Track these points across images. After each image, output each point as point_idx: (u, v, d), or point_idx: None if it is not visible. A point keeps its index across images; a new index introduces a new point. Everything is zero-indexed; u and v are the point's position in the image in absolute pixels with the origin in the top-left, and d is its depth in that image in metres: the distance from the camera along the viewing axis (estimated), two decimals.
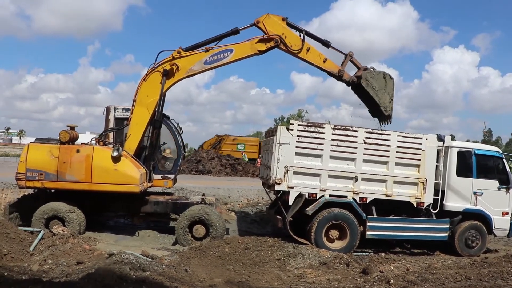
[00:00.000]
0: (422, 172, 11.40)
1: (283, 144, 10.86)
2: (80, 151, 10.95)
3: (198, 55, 11.25)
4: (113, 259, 7.85)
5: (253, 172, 28.66)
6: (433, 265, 9.75)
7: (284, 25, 11.18)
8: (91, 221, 11.89)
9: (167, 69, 11.16)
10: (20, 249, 9.03)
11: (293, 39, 11.20)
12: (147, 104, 11.31)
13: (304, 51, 11.25)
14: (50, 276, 7.29)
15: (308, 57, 11.37)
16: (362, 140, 11.12)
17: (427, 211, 11.68)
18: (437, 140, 11.64)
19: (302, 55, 11.31)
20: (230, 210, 16.05)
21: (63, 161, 10.86)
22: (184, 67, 11.27)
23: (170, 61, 11.16)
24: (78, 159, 10.90)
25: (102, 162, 10.91)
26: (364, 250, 11.42)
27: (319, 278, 8.66)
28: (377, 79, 11.39)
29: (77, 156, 10.92)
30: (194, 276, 7.90)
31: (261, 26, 11.11)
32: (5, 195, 14.96)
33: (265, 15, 11.03)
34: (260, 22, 11.09)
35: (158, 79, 11.28)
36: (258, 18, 11.06)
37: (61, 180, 10.87)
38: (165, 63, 11.20)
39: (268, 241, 10.34)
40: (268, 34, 11.05)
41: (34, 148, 11.05)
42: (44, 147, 11.05)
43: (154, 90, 11.31)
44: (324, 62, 11.38)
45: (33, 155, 10.90)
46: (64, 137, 11.13)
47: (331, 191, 11.05)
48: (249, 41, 11.17)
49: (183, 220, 11.19)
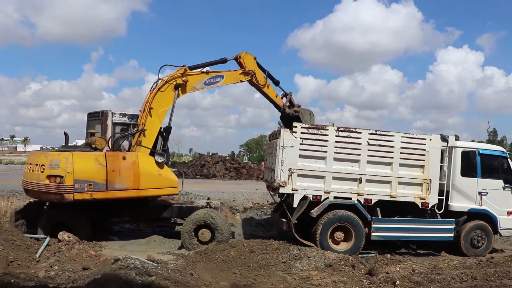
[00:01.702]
0: (426, 173, 11.40)
1: (287, 146, 10.88)
2: (126, 158, 10.86)
3: (201, 75, 12.04)
4: (118, 264, 7.88)
5: (258, 175, 28.68)
6: (439, 266, 9.73)
7: (255, 63, 12.61)
8: (97, 227, 11.93)
9: (179, 83, 11.65)
10: (26, 256, 9.06)
11: (260, 76, 12.64)
12: (158, 114, 11.56)
13: (266, 87, 12.78)
14: (56, 283, 7.31)
15: (268, 92, 12.83)
16: (366, 142, 11.13)
17: (432, 211, 11.68)
18: (441, 140, 11.64)
19: (265, 90, 12.77)
20: (236, 213, 16.07)
21: (112, 169, 10.57)
22: (190, 84, 11.90)
23: (181, 76, 11.65)
24: (126, 167, 10.80)
25: (147, 167, 11.06)
26: (370, 251, 11.42)
27: (325, 280, 8.65)
28: (306, 114, 13.04)
29: (125, 164, 10.80)
30: (200, 280, 7.91)
31: (241, 61, 12.37)
32: (10, 202, 14.96)
33: (244, 53, 12.39)
34: (241, 58, 12.33)
35: (171, 91, 11.63)
36: (238, 54, 12.36)
37: (111, 189, 10.59)
38: (177, 77, 11.62)
39: (273, 244, 10.33)
40: (245, 68, 12.33)
41: (79, 157, 10.36)
42: (90, 155, 10.61)
43: (166, 101, 11.63)
44: (276, 97, 13.00)
45: (80, 164, 10.24)
46: (100, 144, 10.93)
47: (335, 193, 11.06)
48: (235, 72, 12.37)
49: (189, 225, 11.21)
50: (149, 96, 11.50)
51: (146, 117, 11.39)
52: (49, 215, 11.23)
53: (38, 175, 10.38)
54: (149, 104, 11.38)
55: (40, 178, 10.30)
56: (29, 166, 10.98)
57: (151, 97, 11.45)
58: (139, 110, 11.77)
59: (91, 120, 12.77)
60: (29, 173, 10.83)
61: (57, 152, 10.75)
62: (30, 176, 10.73)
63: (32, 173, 10.65)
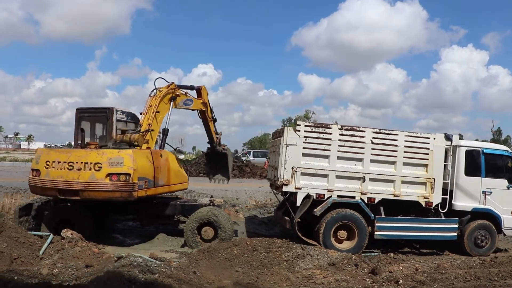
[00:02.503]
0: (430, 172, 11.36)
1: (290, 145, 10.87)
2: (162, 156, 11.32)
3: (184, 95, 12.65)
4: (121, 262, 7.88)
5: (261, 173, 28.65)
6: (442, 265, 9.70)
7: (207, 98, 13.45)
8: (100, 224, 11.96)
9: (174, 96, 12.26)
10: (29, 253, 9.09)
11: (209, 110, 13.48)
12: (159, 119, 11.93)
13: (212, 121, 13.65)
14: (59, 280, 7.32)
15: (211, 125, 13.60)
16: (370, 140, 11.11)
17: (436, 210, 11.65)
18: (445, 139, 11.60)
19: (210, 123, 13.55)
20: (239, 212, 16.06)
21: (157, 166, 10.81)
22: (178, 100, 12.54)
23: (174, 91, 12.26)
24: (163, 163, 11.21)
25: (173, 164, 11.76)
26: (373, 250, 11.40)
27: (327, 279, 8.65)
28: (230, 154, 14.53)
29: (162, 161, 11.20)
30: (203, 278, 7.91)
31: (201, 92, 13.10)
32: (14, 199, 15.06)
33: (203, 86, 13.23)
34: (202, 90, 13.08)
35: (168, 101, 12.19)
36: (199, 86, 13.15)
37: (156, 185, 10.82)
38: (170, 91, 12.19)
39: (276, 242, 10.32)
40: (202, 100, 13.07)
41: (138, 154, 10.35)
42: (143, 152, 10.64)
43: (165, 108, 12.11)
44: (213, 132, 13.81)
45: (139, 162, 10.27)
46: (141, 142, 11.01)
47: (339, 192, 11.05)
48: (198, 100, 12.99)
49: (192, 222, 11.21)
50: (151, 101, 11.75)
51: (153, 119, 11.58)
52: (52, 212, 11.25)
53: (91, 174, 9.97)
54: (156, 108, 11.63)
55: (97, 177, 9.93)
56: (64, 165, 10.19)
57: (156, 102, 11.69)
58: (140, 113, 12.03)
59: (88, 116, 12.73)
60: (70, 173, 10.10)
61: (115, 150, 10.46)
62: (74, 176, 10.06)
63: (77, 172, 10.05)
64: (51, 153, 10.67)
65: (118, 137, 11.47)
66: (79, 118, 12.51)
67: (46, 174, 10.29)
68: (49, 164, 10.32)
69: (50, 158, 10.41)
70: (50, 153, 10.67)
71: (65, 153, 10.58)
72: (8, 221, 10.27)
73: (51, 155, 10.54)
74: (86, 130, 12.54)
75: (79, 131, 12.32)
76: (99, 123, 12.88)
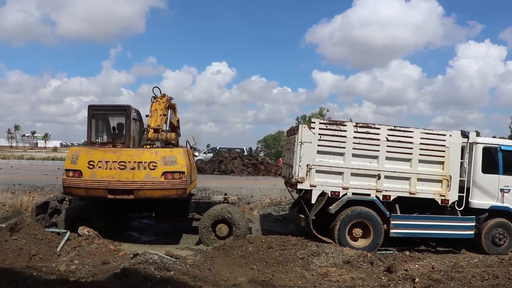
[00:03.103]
0: (446, 169, 11.25)
1: (305, 142, 10.83)
2: (190, 154, 11.67)
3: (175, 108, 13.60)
4: (137, 259, 7.95)
5: (275, 171, 28.63)
6: (459, 264, 9.59)
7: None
8: (116, 222, 12.05)
9: (171, 105, 13.05)
10: (47, 250, 9.22)
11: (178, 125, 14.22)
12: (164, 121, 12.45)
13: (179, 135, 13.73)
14: (77, 276, 7.40)
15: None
16: (385, 138, 11.02)
17: (452, 208, 11.53)
18: (462, 136, 11.47)
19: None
20: (253, 209, 16.08)
21: (191, 163, 11.38)
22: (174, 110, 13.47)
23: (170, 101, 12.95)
24: (192, 161, 11.73)
25: (193, 162, 12.27)
26: (388, 248, 11.33)
27: (343, 277, 8.62)
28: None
29: (191, 158, 11.68)
30: (218, 275, 7.94)
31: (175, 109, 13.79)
32: (32, 197, 15.27)
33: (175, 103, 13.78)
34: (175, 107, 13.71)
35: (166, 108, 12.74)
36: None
37: (189, 182, 11.03)
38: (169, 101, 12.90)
39: (291, 240, 10.33)
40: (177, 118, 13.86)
41: (185, 153, 10.79)
42: (185, 151, 11.00)
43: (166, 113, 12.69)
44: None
45: (186, 160, 10.64)
46: (175, 140, 11.64)
47: (354, 189, 10.99)
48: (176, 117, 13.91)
49: (206, 220, 11.25)
50: (156, 105, 12.38)
51: (162, 121, 12.10)
52: (69, 210, 11.36)
53: (147, 173, 10.22)
54: (162, 112, 12.26)
55: (153, 175, 10.21)
56: (114, 165, 10.30)
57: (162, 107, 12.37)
58: (146, 115, 12.53)
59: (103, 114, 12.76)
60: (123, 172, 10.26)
61: (167, 149, 10.81)
62: (128, 175, 10.24)
63: (131, 172, 10.24)
64: (93, 152, 10.53)
65: (153, 135, 11.73)
66: (92, 116, 12.52)
67: (91, 174, 10.23)
68: (94, 164, 10.25)
69: (94, 158, 10.34)
70: (92, 152, 10.53)
71: (113, 152, 10.57)
72: (27, 218, 10.37)
73: (95, 155, 10.44)
74: (99, 128, 12.60)
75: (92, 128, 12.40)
76: (114, 121, 12.90)
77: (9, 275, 6.88)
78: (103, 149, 10.96)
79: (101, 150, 10.75)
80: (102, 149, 10.88)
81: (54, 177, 19.66)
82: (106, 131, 12.81)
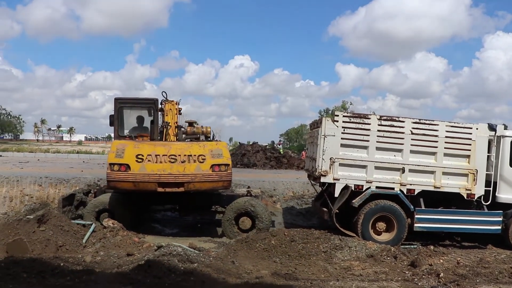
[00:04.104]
0: (472, 163, 11.06)
1: (328, 135, 10.77)
2: None
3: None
4: (161, 251, 8.05)
5: (298, 164, 28.53)
6: (485, 259, 9.43)
7: None
8: (140, 214, 12.18)
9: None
10: (73, 241, 9.37)
11: None
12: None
13: None
14: (102, 267, 7.54)
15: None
16: (409, 131, 10.88)
17: (478, 203, 11.33)
18: (489, 129, 11.24)
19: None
20: (276, 202, 16.09)
21: None
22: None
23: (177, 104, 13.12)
24: None
25: None
26: (412, 242, 11.21)
27: (366, 271, 8.57)
28: None
29: None
30: (241, 268, 7.99)
31: None
32: (58, 190, 15.53)
33: None
34: None
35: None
36: None
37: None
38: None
39: (314, 233, 10.31)
40: None
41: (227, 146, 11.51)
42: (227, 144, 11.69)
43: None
44: None
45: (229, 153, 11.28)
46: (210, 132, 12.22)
47: (377, 183, 10.89)
48: None
49: (230, 213, 11.31)
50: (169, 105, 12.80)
51: (178, 118, 12.73)
52: (94, 202, 11.52)
53: (196, 166, 10.48)
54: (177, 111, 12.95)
55: (203, 168, 10.50)
56: (165, 158, 10.46)
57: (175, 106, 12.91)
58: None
59: (130, 107, 12.92)
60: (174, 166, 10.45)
61: (213, 142, 11.29)
62: (179, 168, 10.44)
63: (181, 165, 10.44)
64: (141, 146, 10.64)
65: (189, 129, 12.25)
66: (119, 108, 12.66)
67: (141, 168, 10.33)
68: (143, 158, 10.37)
69: (143, 151, 10.45)
70: (140, 146, 10.63)
71: (162, 146, 10.74)
72: (53, 210, 10.57)
73: (143, 148, 10.55)
74: (126, 120, 12.76)
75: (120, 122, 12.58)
76: (141, 114, 13.04)
77: (37, 265, 7.04)
78: (152, 142, 11.23)
79: (149, 144, 10.93)
80: (151, 143, 11.09)
81: (79, 170, 19.99)
82: (138, 124, 12.98)
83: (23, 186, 15.56)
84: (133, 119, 13.05)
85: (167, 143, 11.09)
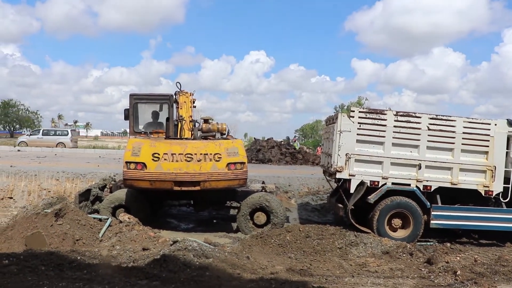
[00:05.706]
0: (490, 159, 10.91)
1: (344, 131, 10.71)
2: None
3: None
4: (177, 246, 8.07)
5: (313, 160, 28.44)
6: (504, 257, 9.27)
7: None
8: (155, 209, 12.25)
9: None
10: (90, 235, 9.46)
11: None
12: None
13: None
14: (118, 261, 7.58)
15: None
16: (426, 127, 10.77)
17: (496, 200, 11.19)
18: (508, 125, 11.06)
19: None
20: (291, 198, 16.07)
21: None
22: None
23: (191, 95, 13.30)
24: None
25: None
26: (428, 240, 11.12)
27: (381, 267, 8.52)
28: None
29: None
30: (256, 263, 7.99)
31: None
32: (74, 184, 15.71)
33: None
34: None
35: None
36: None
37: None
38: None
39: (329, 229, 10.27)
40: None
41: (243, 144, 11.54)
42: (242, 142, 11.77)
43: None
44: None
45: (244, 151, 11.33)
46: (225, 129, 12.20)
47: (393, 179, 10.81)
48: None
49: (244, 208, 11.32)
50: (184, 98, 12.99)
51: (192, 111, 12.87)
52: (110, 197, 11.62)
53: (212, 164, 10.47)
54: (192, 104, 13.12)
55: (219, 167, 10.47)
56: (181, 157, 10.41)
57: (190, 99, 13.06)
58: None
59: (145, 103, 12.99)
60: (190, 164, 10.43)
61: (229, 140, 11.21)
62: (195, 167, 10.43)
63: (197, 164, 10.44)
64: (157, 145, 10.57)
65: (204, 126, 12.10)
66: (135, 104, 12.74)
67: (157, 166, 10.33)
68: (159, 156, 10.35)
69: (159, 150, 10.41)
70: (156, 145, 10.56)
71: (178, 144, 10.69)
72: (70, 204, 10.68)
73: (159, 147, 10.49)
74: (141, 116, 12.84)
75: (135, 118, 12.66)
76: (155, 110, 13.11)
77: (55, 258, 7.10)
78: (168, 141, 11.12)
79: (165, 142, 10.86)
80: (167, 141, 11.01)
81: (95, 165, 20.17)
82: (153, 120, 13.04)
83: (40, 181, 15.76)
84: (148, 114, 13.12)
85: (183, 142, 11.03)
